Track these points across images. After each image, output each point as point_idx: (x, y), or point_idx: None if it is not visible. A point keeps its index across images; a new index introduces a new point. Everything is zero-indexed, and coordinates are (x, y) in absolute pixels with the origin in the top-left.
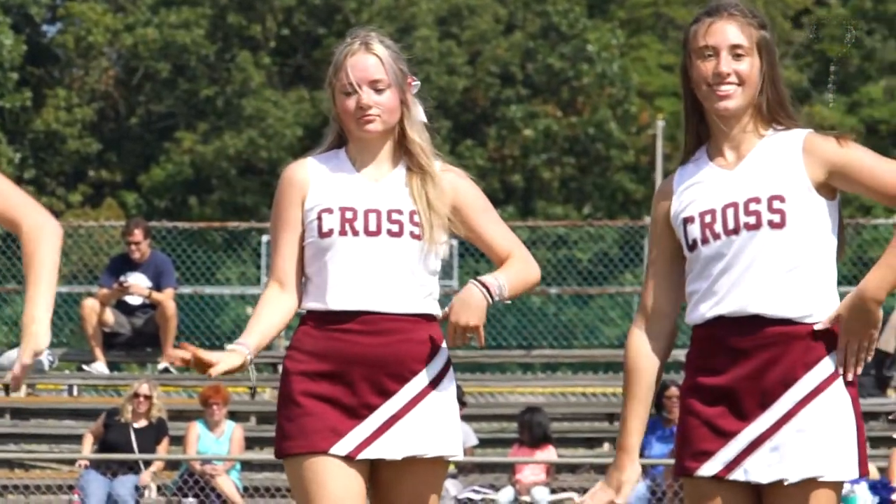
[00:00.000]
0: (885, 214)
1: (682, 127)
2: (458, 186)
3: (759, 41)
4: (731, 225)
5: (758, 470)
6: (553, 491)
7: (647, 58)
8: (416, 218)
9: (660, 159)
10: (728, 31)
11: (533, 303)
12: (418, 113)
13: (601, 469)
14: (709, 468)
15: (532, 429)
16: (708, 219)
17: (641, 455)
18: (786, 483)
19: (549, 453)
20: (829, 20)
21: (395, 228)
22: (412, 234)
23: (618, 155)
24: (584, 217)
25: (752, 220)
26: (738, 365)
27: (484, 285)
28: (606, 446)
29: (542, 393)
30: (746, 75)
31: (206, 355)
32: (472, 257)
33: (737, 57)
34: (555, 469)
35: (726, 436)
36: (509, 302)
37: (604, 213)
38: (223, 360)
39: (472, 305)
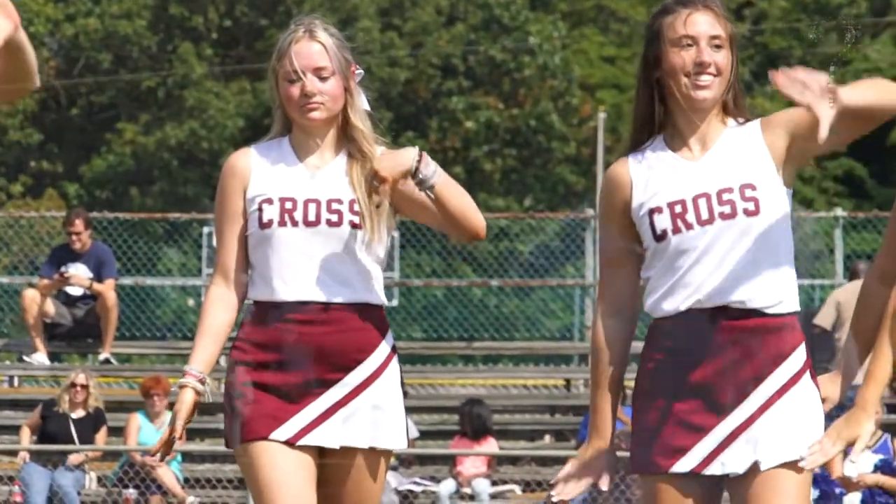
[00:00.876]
0: (825, 208)
1: (623, 119)
2: None
3: (731, 35)
4: (704, 215)
5: (734, 462)
6: (494, 483)
7: (589, 50)
8: (356, 207)
9: (601, 151)
10: (707, 22)
11: (474, 294)
12: (362, 101)
13: (542, 461)
14: (684, 464)
15: (473, 421)
16: (678, 209)
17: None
18: (762, 468)
19: (491, 445)
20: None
21: (334, 218)
22: (352, 224)
23: (559, 147)
24: (526, 209)
25: (726, 209)
26: (713, 359)
27: (420, 154)
28: (547, 438)
29: (483, 385)
30: (724, 66)
31: (167, 433)
32: (413, 248)
33: (716, 48)
34: (496, 461)
35: (702, 431)
36: (430, 196)
37: (545, 205)
38: (180, 408)
39: (395, 158)
